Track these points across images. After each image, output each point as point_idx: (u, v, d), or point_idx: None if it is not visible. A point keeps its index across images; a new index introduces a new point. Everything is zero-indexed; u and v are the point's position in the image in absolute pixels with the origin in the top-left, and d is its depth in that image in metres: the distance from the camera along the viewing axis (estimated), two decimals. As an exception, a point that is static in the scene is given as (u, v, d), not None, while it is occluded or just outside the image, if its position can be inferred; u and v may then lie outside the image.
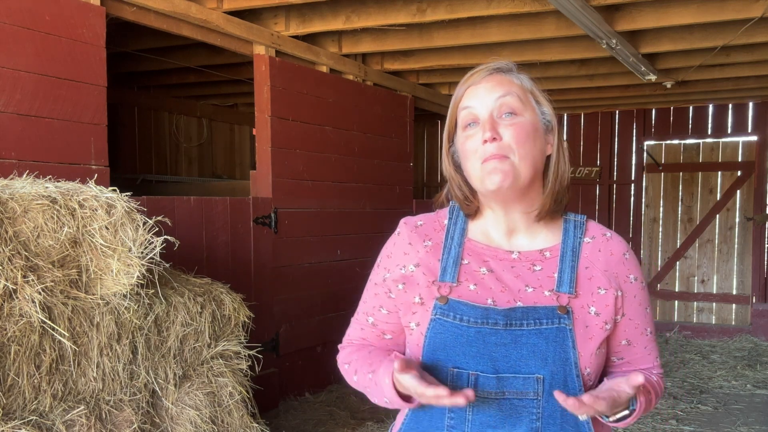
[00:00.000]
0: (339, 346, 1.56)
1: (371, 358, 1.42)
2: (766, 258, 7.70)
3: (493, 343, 1.29)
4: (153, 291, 2.75)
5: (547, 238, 1.40)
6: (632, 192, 8.24)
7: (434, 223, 1.44)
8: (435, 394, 1.16)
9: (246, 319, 3.22)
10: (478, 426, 1.29)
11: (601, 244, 1.39)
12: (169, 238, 2.69)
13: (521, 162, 1.30)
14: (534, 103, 1.35)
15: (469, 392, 1.16)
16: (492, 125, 1.30)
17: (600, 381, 1.37)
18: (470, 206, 1.40)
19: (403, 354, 1.46)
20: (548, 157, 1.37)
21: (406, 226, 1.45)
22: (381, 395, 1.34)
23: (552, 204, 1.37)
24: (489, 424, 1.29)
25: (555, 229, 1.41)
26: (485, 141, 1.29)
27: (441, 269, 1.36)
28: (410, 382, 1.19)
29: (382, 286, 1.43)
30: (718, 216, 7.92)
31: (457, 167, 1.41)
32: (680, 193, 8.11)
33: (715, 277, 8.00)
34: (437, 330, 1.32)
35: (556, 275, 1.34)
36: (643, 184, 8.23)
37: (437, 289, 1.35)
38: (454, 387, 1.28)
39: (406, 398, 1.29)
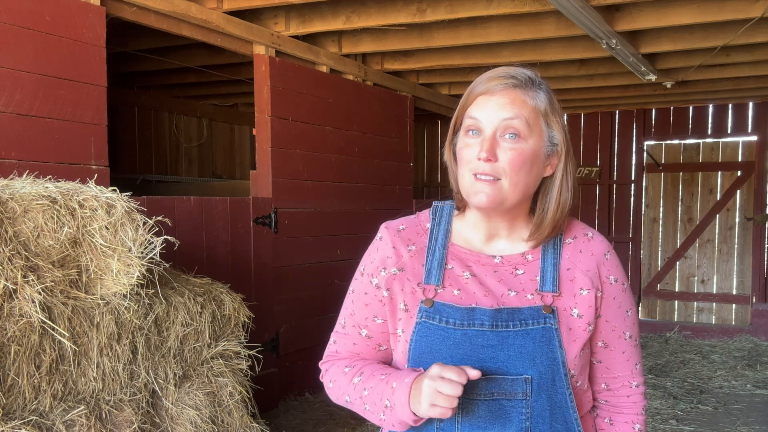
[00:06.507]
0: (321, 364, 1.49)
1: (381, 367, 1.37)
2: (766, 258, 7.70)
3: (480, 345, 1.28)
4: (153, 291, 2.75)
5: (527, 242, 1.38)
6: (632, 192, 8.24)
7: (416, 227, 1.42)
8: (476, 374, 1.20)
9: (246, 319, 3.22)
10: (468, 428, 1.29)
11: (582, 244, 1.38)
12: (169, 238, 2.69)
13: (511, 187, 1.28)
14: (543, 127, 1.31)
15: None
16: (491, 145, 1.27)
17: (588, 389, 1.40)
18: (462, 201, 1.39)
19: (390, 363, 1.43)
20: (547, 179, 1.34)
21: (387, 230, 1.42)
22: (386, 398, 1.28)
23: (551, 232, 1.35)
24: (479, 425, 1.28)
25: None
26: (480, 159, 1.27)
27: (426, 271, 1.35)
28: (454, 369, 1.19)
29: (374, 294, 1.39)
30: (718, 216, 7.92)
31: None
32: (680, 193, 8.11)
33: (715, 277, 8.00)
34: (423, 333, 1.31)
35: (538, 278, 1.33)
36: (643, 184, 8.23)
37: (422, 292, 1.34)
38: None
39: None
